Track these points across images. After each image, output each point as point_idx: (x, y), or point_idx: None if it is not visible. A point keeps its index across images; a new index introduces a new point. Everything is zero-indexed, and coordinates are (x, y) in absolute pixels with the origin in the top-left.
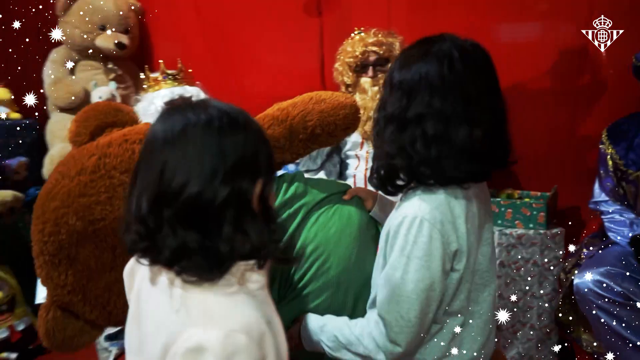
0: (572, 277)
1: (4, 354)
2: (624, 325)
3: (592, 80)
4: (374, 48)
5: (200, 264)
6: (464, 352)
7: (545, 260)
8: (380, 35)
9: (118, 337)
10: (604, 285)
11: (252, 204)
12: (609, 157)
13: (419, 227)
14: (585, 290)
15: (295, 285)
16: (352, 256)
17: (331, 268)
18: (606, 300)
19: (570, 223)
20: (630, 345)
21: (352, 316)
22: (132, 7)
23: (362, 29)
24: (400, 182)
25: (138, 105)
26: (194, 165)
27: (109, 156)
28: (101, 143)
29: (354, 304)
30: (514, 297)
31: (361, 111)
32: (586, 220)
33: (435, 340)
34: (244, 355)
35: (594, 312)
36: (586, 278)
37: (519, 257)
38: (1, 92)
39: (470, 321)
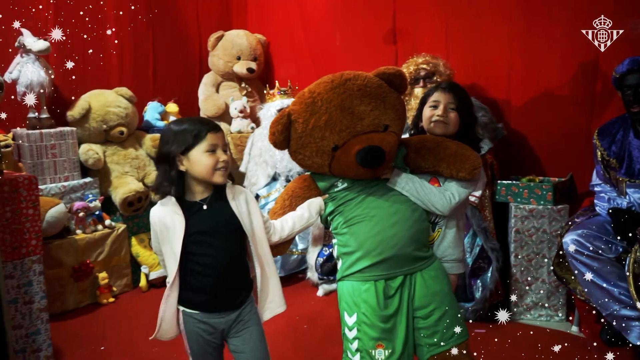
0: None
1: None
2: (594, 273)
3: (602, 88)
4: (423, 66)
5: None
6: None
7: (553, 229)
8: (427, 57)
9: None
10: (580, 243)
11: None
12: (597, 149)
13: None
14: (567, 247)
15: None
16: None
17: None
18: (582, 254)
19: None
20: (599, 287)
21: None
22: (260, 41)
23: (415, 55)
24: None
25: (260, 111)
26: None
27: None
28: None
29: None
30: (527, 257)
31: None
32: None
33: None
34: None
35: (574, 263)
36: (568, 238)
37: (531, 226)
38: (172, 106)
39: None
